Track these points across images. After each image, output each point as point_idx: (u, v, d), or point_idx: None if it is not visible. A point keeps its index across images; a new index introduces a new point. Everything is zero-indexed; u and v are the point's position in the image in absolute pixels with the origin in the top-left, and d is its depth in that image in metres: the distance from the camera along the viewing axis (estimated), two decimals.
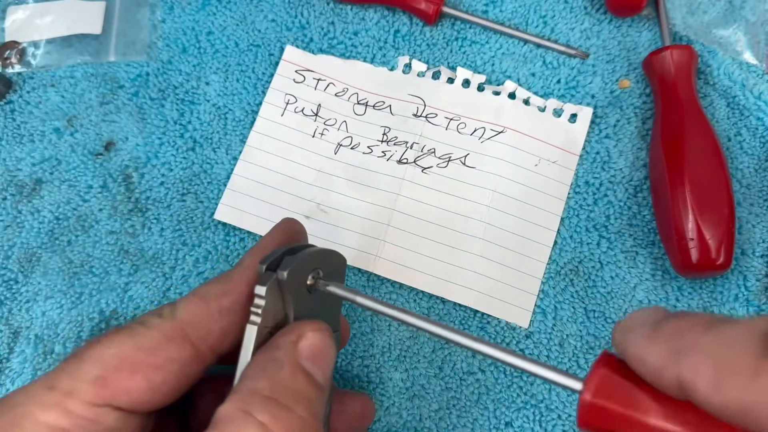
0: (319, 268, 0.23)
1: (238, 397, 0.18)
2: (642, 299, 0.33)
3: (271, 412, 0.18)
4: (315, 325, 0.21)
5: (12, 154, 0.36)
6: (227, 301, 0.21)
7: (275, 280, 0.21)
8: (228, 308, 0.21)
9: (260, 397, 0.18)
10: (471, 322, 0.33)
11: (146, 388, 0.19)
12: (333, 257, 0.24)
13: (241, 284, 0.22)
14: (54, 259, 0.34)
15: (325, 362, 0.21)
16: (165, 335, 0.20)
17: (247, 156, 0.36)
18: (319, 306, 0.23)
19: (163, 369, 0.20)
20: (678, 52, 0.33)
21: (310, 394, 0.19)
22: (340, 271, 0.25)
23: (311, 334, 0.20)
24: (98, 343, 0.20)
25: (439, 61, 0.37)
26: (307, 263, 0.22)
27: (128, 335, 0.20)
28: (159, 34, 0.38)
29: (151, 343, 0.20)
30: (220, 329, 0.21)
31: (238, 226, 0.35)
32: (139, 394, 0.19)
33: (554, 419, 0.32)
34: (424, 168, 0.35)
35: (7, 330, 0.34)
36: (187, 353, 0.20)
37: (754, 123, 0.35)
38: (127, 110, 0.37)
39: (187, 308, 0.21)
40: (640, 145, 0.35)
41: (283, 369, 0.19)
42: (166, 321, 0.20)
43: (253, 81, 0.37)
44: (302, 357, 0.20)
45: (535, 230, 0.34)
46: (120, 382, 0.19)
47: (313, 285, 0.22)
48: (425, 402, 0.32)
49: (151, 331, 0.20)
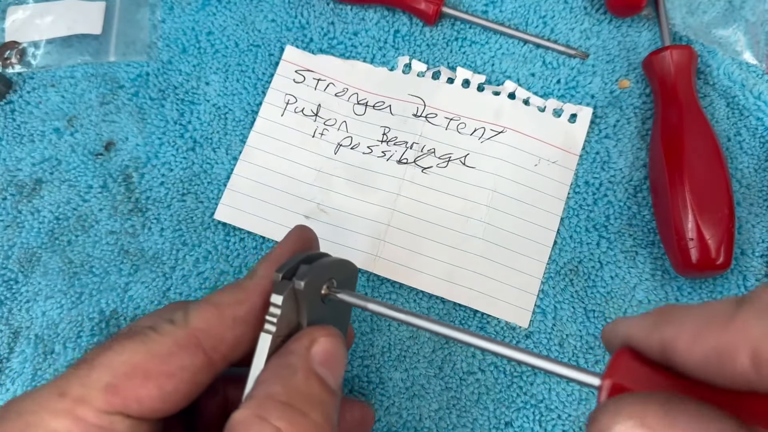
0: (333, 277, 0.23)
1: (254, 402, 0.18)
2: (642, 299, 0.33)
3: (287, 418, 0.18)
4: (327, 331, 0.21)
5: (12, 154, 0.36)
6: (241, 310, 0.21)
7: (291, 289, 0.20)
8: (242, 317, 0.21)
9: (275, 403, 0.18)
10: (471, 322, 0.33)
11: (157, 396, 0.19)
12: (346, 266, 0.24)
13: (256, 293, 0.22)
14: (54, 259, 0.34)
15: (338, 367, 0.21)
16: (177, 342, 0.20)
17: (247, 156, 0.36)
18: (331, 313, 0.23)
19: (174, 377, 0.20)
20: (678, 52, 0.33)
21: (324, 398, 0.19)
22: (352, 279, 0.25)
23: (324, 340, 0.21)
24: (109, 349, 0.20)
25: (439, 61, 0.37)
26: (323, 273, 0.22)
27: (140, 342, 0.20)
28: (159, 34, 0.38)
29: (164, 351, 0.20)
30: (233, 338, 0.21)
31: (238, 226, 0.35)
32: (151, 402, 0.19)
33: (554, 419, 0.32)
34: (424, 168, 0.35)
35: (7, 330, 0.34)
36: (199, 361, 0.20)
37: (754, 123, 0.35)
38: (127, 110, 0.37)
39: (201, 316, 0.21)
40: (640, 145, 0.35)
41: (297, 374, 0.19)
42: (179, 328, 0.20)
43: (253, 81, 0.37)
44: (315, 362, 0.20)
45: (535, 230, 0.34)
46: (131, 389, 0.19)
47: (327, 295, 0.22)
48: (425, 402, 0.32)
49: (163, 338, 0.20)
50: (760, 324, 0.13)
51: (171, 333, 0.20)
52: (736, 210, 0.32)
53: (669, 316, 0.15)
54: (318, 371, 0.20)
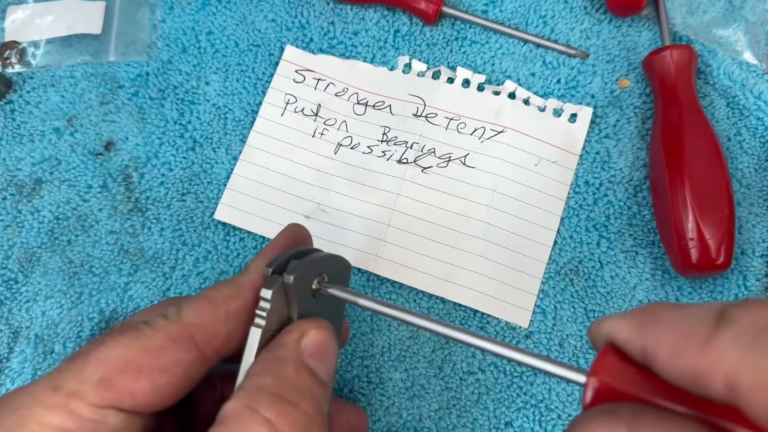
0: (324, 272, 0.23)
1: (244, 394, 0.19)
2: (642, 299, 0.33)
3: (277, 409, 0.18)
4: (318, 323, 0.21)
5: (12, 154, 0.36)
6: (234, 305, 0.21)
7: (281, 284, 0.21)
8: (234, 312, 0.21)
9: (265, 394, 0.18)
10: (471, 322, 0.33)
11: (150, 391, 0.19)
12: (338, 262, 0.24)
13: (248, 288, 0.22)
14: (54, 259, 0.34)
15: (328, 359, 0.21)
16: (170, 337, 0.20)
17: (247, 156, 0.36)
18: (323, 309, 0.23)
19: (167, 371, 0.20)
20: (678, 52, 0.33)
21: (314, 390, 0.20)
22: (345, 275, 0.25)
23: (314, 332, 0.21)
24: (102, 344, 0.20)
25: (439, 61, 0.37)
26: (313, 268, 0.22)
27: (133, 336, 0.20)
28: (159, 34, 0.38)
29: (157, 345, 0.20)
30: (225, 332, 0.21)
31: (238, 225, 0.35)
32: (144, 396, 0.19)
33: (554, 419, 0.32)
34: (424, 168, 0.35)
35: (7, 330, 0.34)
36: (192, 356, 0.20)
37: (754, 123, 0.35)
38: (127, 110, 0.37)
39: (194, 311, 0.21)
40: (640, 145, 0.35)
41: (287, 366, 0.19)
42: (172, 323, 0.20)
43: (253, 81, 0.37)
44: (305, 354, 0.20)
45: (535, 230, 0.34)
46: (124, 384, 0.19)
47: (318, 289, 0.22)
48: (425, 402, 0.32)
49: (156, 333, 0.20)
50: (737, 350, 0.13)
51: (164, 328, 0.20)
52: (736, 210, 0.32)
53: (651, 320, 0.15)
54: (308, 363, 0.20)
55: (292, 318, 0.22)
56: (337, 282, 0.23)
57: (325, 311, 0.23)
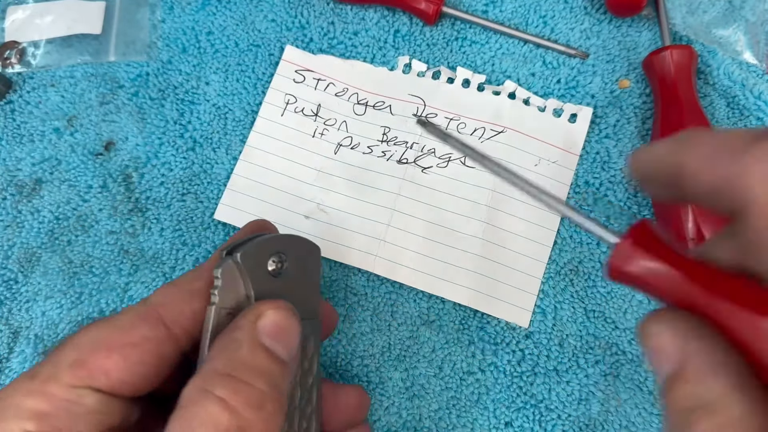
0: (283, 253, 0.23)
1: (200, 377, 0.19)
2: (642, 299, 0.33)
3: (230, 387, 0.19)
4: (275, 304, 0.21)
5: (12, 154, 0.36)
6: (197, 285, 0.23)
7: (230, 262, 0.22)
8: (197, 290, 0.22)
9: (219, 375, 0.19)
10: (471, 322, 0.33)
11: (124, 368, 0.20)
12: (301, 244, 0.25)
13: (207, 270, 0.23)
14: (54, 259, 0.34)
15: (288, 338, 0.21)
16: (139, 316, 0.21)
17: (247, 156, 0.36)
18: (288, 290, 0.24)
19: (138, 347, 0.21)
20: (678, 52, 0.33)
21: (271, 369, 0.20)
22: (313, 259, 0.25)
23: (271, 312, 0.21)
24: (78, 332, 0.21)
25: (439, 61, 0.37)
26: (263, 247, 0.23)
27: (105, 321, 0.21)
28: (159, 34, 0.38)
29: (126, 324, 0.21)
30: (191, 311, 0.22)
31: (238, 226, 0.35)
32: (118, 373, 0.20)
33: (554, 419, 0.32)
34: (424, 168, 0.35)
35: (7, 330, 0.34)
36: (161, 333, 0.21)
37: (754, 123, 0.35)
38: (127, 110, 0.37)
39: (159, 293, 0.22)
40: (640, 145, 0.35)
41: (242, 347, 0.20)
42: (140, 305, 0.22)
43: (253, 81, 0.37)
44: (262, 335, 0.21)
45: (535, 230, 0.34)
46: (97, 361, 0.20)
47: (277, 269, 0.23)
48: (425, 402, 0.32)
49: (125, 315, 0.21)
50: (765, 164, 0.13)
51: (132, 309, 0.22)
52: None
53: (689, 137, 0.16)
54: (265, 343, 0.20)
55: (249, 296, 0.22)
56: (302, 265, 0.24)
57: (291, 293, 0.24)
